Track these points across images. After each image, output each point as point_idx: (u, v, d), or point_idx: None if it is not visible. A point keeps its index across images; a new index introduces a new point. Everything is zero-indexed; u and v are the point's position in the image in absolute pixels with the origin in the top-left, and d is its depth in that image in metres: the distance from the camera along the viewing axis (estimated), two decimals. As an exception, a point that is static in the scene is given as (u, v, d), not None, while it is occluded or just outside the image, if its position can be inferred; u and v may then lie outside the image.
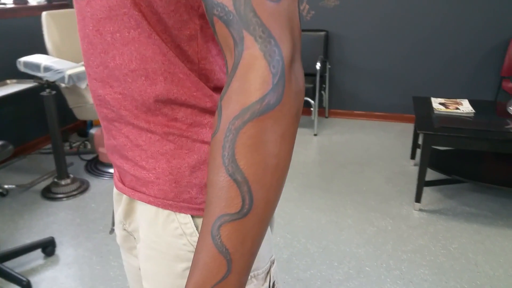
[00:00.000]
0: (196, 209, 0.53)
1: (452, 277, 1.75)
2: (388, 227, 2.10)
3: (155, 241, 0.55)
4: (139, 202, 0.57)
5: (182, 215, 0.53)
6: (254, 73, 0.36)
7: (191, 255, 0.54)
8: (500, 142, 2.01)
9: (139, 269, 0.68)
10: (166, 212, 0.53)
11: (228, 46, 0.39)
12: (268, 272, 0.60)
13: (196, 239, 0.53)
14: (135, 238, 0.63)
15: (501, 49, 3.16)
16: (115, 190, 0.64)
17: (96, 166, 2.79)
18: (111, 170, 2.69)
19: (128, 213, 0.60)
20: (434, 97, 2.93)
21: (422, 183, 2.18)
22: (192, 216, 0.53)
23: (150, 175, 0.52)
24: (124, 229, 0.63)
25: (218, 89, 0.52)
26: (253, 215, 0.38)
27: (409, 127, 3.45)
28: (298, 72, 0.39)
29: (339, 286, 1.71)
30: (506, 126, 2.11)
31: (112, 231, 0.78)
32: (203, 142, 0.51)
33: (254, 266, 0.57)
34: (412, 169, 2.71)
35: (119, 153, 0.55)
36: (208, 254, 0.39)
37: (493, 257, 1.87)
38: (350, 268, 1.82)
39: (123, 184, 0.58)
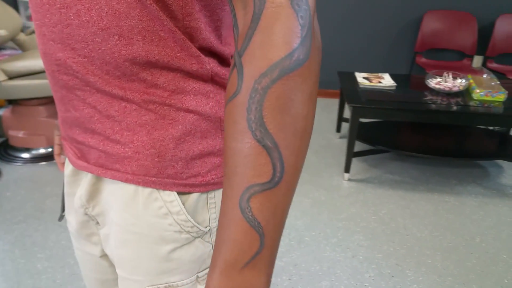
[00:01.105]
0: (182, 185, 0.48)
1: (384, 241, 1.85)
2: (322, 198, 2.16)
3: (134, 223, 0.49)
4: (108, 181, 0.50)
5: (167, 192, 0.47)
6: (281, 24, 0.32)
7: (178, 236, 0.49)
8: (421, 113, 2.15)
9: (101, 257, 0.61)
10: (148, 190, 0.48)
11: None
12: None
13: (183, 217, 0.48)
14: (97, 223, 0.56)
15: (414, 26, 3.36)
16: (68, 171, 0.56)
17: (7, 151, 2.49)
18: (25, 155, 2.42)
19: (93, 195, 0.53)
20: (357, 71, 3.05)
21: (351, 154, 2.26)
22: (178, 193, 0.48)
23: (127, 149, 0.46)
24: (86, 214, 0.56)
25: (203, 49, 0.46)
26: (284, 183, 0.34)
27: (333, 102, 3.57)
28: (317, 25, 0.36)
29: (282, 258, 1.73)
30: (425, 98, 2.26)
31: (61, 217, 0.67)
32: (188, 110, 0.46)
33: None
34: (338, 141, 2.81)
35: (82, 127, 0.48)
36: (238, 229, 0.34)
37: (418, 220, 2.01)
38: (291, 239, 1.85)
39: (86, 162, 0.50)
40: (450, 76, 2.38)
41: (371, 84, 2.44)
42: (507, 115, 2.12)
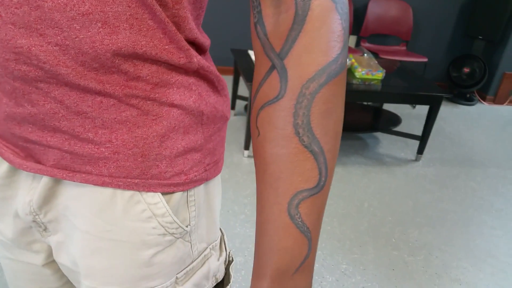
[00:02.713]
0: (167, 185, 0.45)
1: (288, 213, 1.96)
2: (225, 176, 2.18)
3: (110, 230, 0.45)
4: (69, 185, 0.45)
5: (150, 194, 0.45)
6: (327, 28, 0.32)
7: (162, 239, 0.47)
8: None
9: (43, 265, 0.56)
10: (129, 193, 0.44)
11: None
12: (222, 240, 0.58)
13: (169, 219, 0.46)
14: (45, 230, 0.50)
15: (361, 11, 3.53)
16: (3, 172, 0.49)
17: None
18: None
19: (47, 200, 0.47)
20: (250, 49, 3.09)
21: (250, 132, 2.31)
22: (162, 194, 0.45)
23: (102, 149, 0.42)
24: (34, 221, 0.49)
25: (189, 41, 0.43)
26: (327, 186, 0.35)
27: (227, 79, 3.57)
28: None
29: (195, 240, 1.71)
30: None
31: None
32: (172, 105, 0.43)
33: (211, 238, 0.54)
34: (234, 118, 2.85)
35: (39, 124, 0.42)
36: (289, 236, 0.34)
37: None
38: (201, 220, 1.84)
39: (39, 163, 0.45)
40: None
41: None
42: (384, 91, 2.38)
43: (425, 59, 3.49)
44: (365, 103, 3.02)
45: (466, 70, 3.83)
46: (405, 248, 1.84)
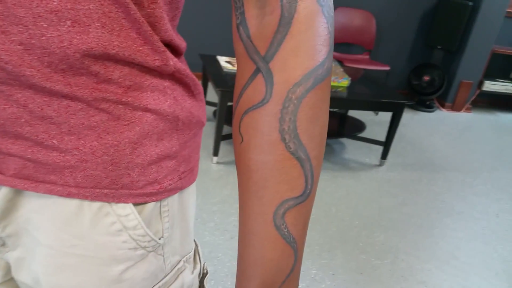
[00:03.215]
0: (139, 195, 0.42)
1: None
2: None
3: (76, 244, 0.42)
4: (31, 196, 0.42)
5: (121, 205, 0.42)
6: (314, 31, 0.31)
7: (133, 253, 0.44)
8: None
9: (1, 284, 0.52)
10: (97, 204, 0.41)
11: None
12: (196, 252, 0.56)
13: (141, 232, 0.43)
14: (3, 245, 0.47)
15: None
16: None
17: None
18: None
19: (7, 212, 0.44)
20: (219, 55, 3.07)
21: (219, 138, 2.30)
22: (134, 205, 0.42)
23: (68, 157, 0.39)
24: None
25: (164, 43, 0.41)
26: (312, 195, 0.34)
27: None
28: None
29: (164, 249, 1.68)
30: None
31: None
32: (146, 109, 0.40)
33: (184, 250, 0.52)
34: (201, 125, 2.82)
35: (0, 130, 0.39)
36: (275, 247, 0.33)
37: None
38: (169, 228, 1.80)
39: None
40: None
41: (235, 68, 2.50)
42: (350, 98, 2.43)
43: (388, 68, 3.60)
44: (331, 109, 3.07)
45: (426, 78, 3.97)
46: (372, 252, 1.87)
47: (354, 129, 2.75)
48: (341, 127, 2.80)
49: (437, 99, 4.27)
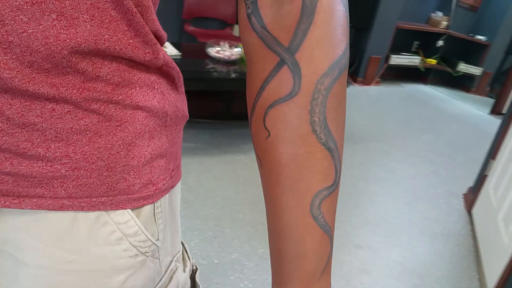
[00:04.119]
0: (136, 200, 0.40)
1: (199, 206, 1.95)
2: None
3: (72, 260, 0.39)
4: (10, 214, 0.37)
5: (119, 212, 0.39)
6: (336, 21, 0.31)
7: (134, 261, 0.42)
8: (208, 81, 2.28)
9: None
10: (93, 214, 0.38)
11: None
12: (184, 250, 0.55)
13: (142, 237, 0.41)
14: None
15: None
16: None
17: None
18: None
19: None
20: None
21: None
22: (132, 210, 0.40)
23: (57, 166, 0.35)
24: None
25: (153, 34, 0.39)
26: (340, 181, 0.35)
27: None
28: None
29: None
30: (208, 66, 2.40)
31: None
32: (137, 107, 0.38)
33: (175, 250, 0.51)
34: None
35: None
36: (315, 238, 0.33)
37: (221, 181, 2.19)
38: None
39: None
40: (227, 45, 2.59)
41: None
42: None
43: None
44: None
45: (340, 55, 4.18)
46: (312, 224, 1.97)
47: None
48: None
49: (350, 75, 4.52)
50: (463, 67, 5.12)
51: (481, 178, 2.30)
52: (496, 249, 1.73)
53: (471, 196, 2.40)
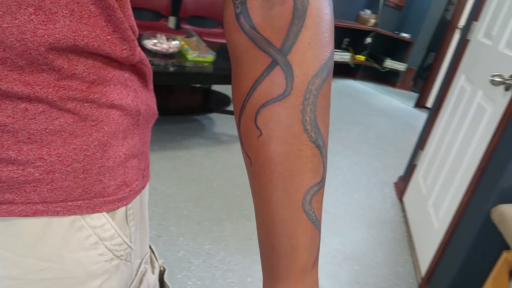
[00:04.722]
0: (112, 202, 0.40)
1: (142, 204, 1.88)
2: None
3: (45, 268, 0.37)
4: None
5: (95, 215, 0.38)
6: (325, 23, 0.32)
7: (109, 265, 0.41)
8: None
9: None
10: (69, 219, 0.37)
11: None
12: (152, 251, 0.55)
13: (118, 241, 0.41)
14: None
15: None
16: None
17: None
18: None
19: None
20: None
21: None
22: (107, 213, 0.40)
23: (30, 170, 0.34)
24: None
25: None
26: (326, 177, 0.37)
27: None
28: None
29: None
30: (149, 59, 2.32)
31: None
32: (112, 105, 0.37)
33: (143, 252, 0.51)
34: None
35: None
36: (307, 232, 0.35)
37: (163, 178, 2.13)
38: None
39: None
40: (164, 37, 2.52)
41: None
42: (215, 74, 2.47)
43: (243, 41, 3.72)
44: (195, 85, 3.07)
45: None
46: (257, 218, 1.99)
47: (221, 104, 2.81)
48: (209, 102, 2.83)
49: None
50: (389, 63, 5.43)
51: (411, 168, 2.46)
52: (427, 234, 1.86)
53: (402, 184, 2.56)
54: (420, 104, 4.84)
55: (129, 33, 0.35)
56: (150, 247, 0.54)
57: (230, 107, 3.20)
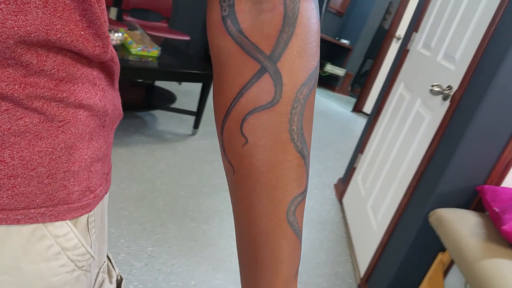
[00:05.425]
0: (76, 209, 0.38)
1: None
2: None
3: (1, 281, 0.36)
4: None
5: (58, 224, 0.36)
6: (314, 33, 0.32)
7: (70, 277, 0.39)
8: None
9: None
10: (30, 228, 0.35)
11: None
12: (109, 261, 0.54)
13: (82, 251, 0.39)
14: None
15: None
16: None
17: None
18: None
19: None
20: None
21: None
22: (70, 220, 0.38)
23: None
24: None
25: None
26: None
27: None
28: None
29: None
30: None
31: None
32: (80, 105, 0.35)
33: (101, 261, 0.50)
34: None
35: None
36: (290, 243, 0.34)
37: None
38: None
39: None
40: (107, 29, 2.41)
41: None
42: (160, 69, 2.40)
43: (188, 38, 3.65)
44: (139, 80, 2.96)
45: (221, 48, 4.21)
46: (201, 218, 1.96)
47: (165, 100, 2.74)
48: (152, 98, 2.74)
49: (231, 68, 4.59)
50: (329, 68, 5.61)
51: (350, 170, 2.55)
52: (366, 235, 1.94)
53: (342, 186, 2.65)
54: (357, 108, 5.04)
55: (104, 29, 0.33)
56: (107, 256, 0.51)
57: (174, 104, 3.12)
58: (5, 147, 0.30)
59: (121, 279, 0.53)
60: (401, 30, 4.49)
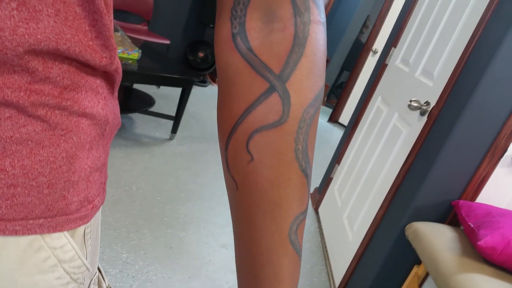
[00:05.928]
0: (74, 220, 0.37)
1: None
2: None
3: None
4: None
5: (55, 235, 0.36)
6: (321, 54, 0.33)
7: None
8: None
9: None
10: (27, 239, 0.34)
11: (270, 8, 0.31)
12: (99, 272, 0.52)
13: (78, 263, 0.39)
14: None
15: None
16: None
17: None
18: None
19: None
20: None
21: None
22: (67, 231, 0.37)
23: None
24: None
25: None
26: None
27: None
28: None
29: None
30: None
31: None
32: (83, 114, 0.34)
33: (93, 272, 0.48)
34: None
35: None
36: (291, 262, 0.35)
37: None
38: None
39: None
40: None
41: None
42: (140, 72, 2.37)
43: (168, 41, 3.63)
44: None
45: (201, 54, 4.20)
46: (177, 225, 1.93)
47: (143, 104, 2.70)
48: (130, 101, 2.70)
49: (210, 75, 4.58)
50: (307, 78, 5.66)
51: (327, 180, 2.58)
52: (341, 246, 1.96)
53: (318, 196, 2.67)
54: (333, 119, 5.11)
55: (112, 41, 0.33)
56: (98, 267, 0.50)
57: (153, 108, 3.09)
58: (6, 155, 0.29)
59: None
60: (378, 44, 4.60)
